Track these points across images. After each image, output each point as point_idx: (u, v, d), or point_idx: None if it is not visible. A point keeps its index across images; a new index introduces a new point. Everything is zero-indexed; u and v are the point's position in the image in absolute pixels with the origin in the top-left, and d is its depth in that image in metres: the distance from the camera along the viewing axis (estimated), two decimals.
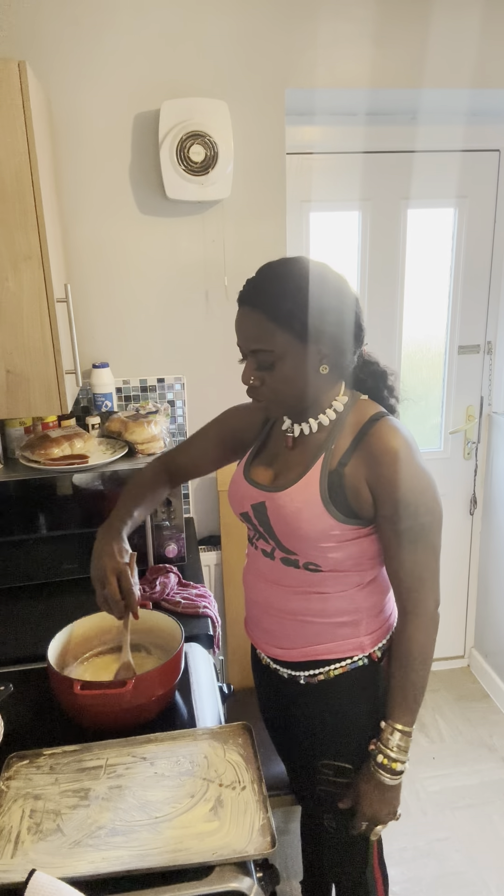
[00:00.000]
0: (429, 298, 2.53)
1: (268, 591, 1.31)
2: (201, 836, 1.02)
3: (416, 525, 1.16)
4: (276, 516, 1.23)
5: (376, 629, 1.30)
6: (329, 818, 1.38)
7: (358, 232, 2.40)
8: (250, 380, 1.19)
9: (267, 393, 1.19)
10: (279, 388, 1.18)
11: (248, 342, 1.17)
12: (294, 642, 1.30)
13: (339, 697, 1.31)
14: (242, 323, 1.17)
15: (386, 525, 1.18)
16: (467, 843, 2.12)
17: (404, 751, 1.23)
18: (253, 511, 1.28)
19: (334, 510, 1.18)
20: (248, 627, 1.42)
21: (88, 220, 2.00)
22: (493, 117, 2.33)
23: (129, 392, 2.17)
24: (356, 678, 1.30)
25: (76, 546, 1.82)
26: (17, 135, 1.46)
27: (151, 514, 1.82)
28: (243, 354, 1.20)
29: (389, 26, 1.98)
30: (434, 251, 2.49)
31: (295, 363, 1.15)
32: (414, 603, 1.21)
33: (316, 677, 1.31)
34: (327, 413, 1.23)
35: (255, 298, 1.15)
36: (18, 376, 1.60)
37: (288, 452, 1.29)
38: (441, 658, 2.95)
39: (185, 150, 1.88)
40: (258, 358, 1.17)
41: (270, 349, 1.14)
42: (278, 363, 1.15)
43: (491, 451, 2.69)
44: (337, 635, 1.28)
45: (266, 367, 1.16)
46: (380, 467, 1.15)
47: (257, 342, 1.15)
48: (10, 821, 1.07)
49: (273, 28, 1.94)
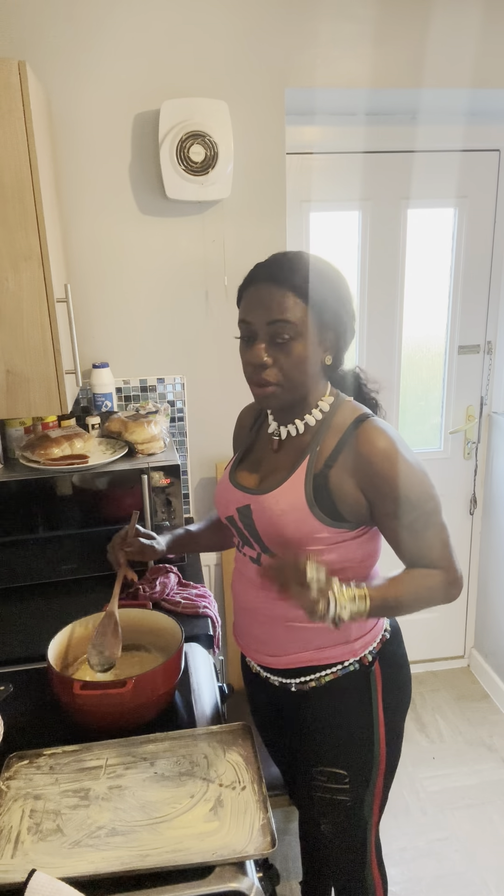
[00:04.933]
0: (429, 298, 2.53)
1: (256, 598, 1.30)
2: (201, 836, 1.02)
3: (422, 515, 1.17)
4: (261, 519, 1.23)
5: (366, 632, 1.29)
6: (326, 823, 1.37)
7: (358, 232, 2.40)
8: (264, 357, 1.16)
9: (276, 374, 1.17)
10: (289, 370, 1.16)
11: (270, 312, 1.14)
12: (285, 649, 1.29)
13: (331, 704, 1.30)
14: (264, 296, 1.15)
15: (390, 522, 1.18)
16: (467, 843, 2.12)
17: (346, 609, 1.08)
18: (238, 515, 1.28)
19: (319, 513, 1.18)
20: (237, 636, 1.41)
21: (88, 220, 2.00)
22: (493, 117, 2.33)
23: (129, 392, 2.17)
24: (347, 684, 1.29)
25: (76, 546, 1.82)
26: (17, 135, 1.46)
27: (151, 513, 1.82)
28: (254, 334, 1.17)
29: (389, 26, 1.98)
30: (434, 251, 2.48)
31: (308, 345, 1.16)
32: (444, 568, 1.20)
33: (307, 684, 1.30)
34: (314, 413, 1.23)
35: (279, 274, 1.14)
36: (18, 376, 1.60)
37: (273, 455, 1.29)
38: (441, 658, 2.95)
39: (185, 150, 1.88)
40: (277, 330, 1.14)
41: (293, 322, 1.13)
42: (295, 340, 1.14)
43: (491, 451, 2.69)
44: (327, 640, 1.27)
45: (281, 343, 1.14)
46: (371, 468, 1.15)
47: (281, 313, 1.13)
48: (10, 821, 1.07)
49: (273, 28, 1.94)
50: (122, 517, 1.80)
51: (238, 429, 1.49)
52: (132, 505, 1.81)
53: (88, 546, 1.82)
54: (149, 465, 1.81)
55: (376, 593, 1.13)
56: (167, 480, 1.81)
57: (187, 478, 2.28)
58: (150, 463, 1.82)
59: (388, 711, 1.32)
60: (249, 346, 1.18)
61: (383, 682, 1.30)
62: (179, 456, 2.15)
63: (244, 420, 1.47)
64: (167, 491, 1.82)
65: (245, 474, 1.32)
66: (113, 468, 1.79)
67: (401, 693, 1.35)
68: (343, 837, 1.38)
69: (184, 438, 2.24)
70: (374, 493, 1.16)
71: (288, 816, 2.11)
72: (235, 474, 1.33)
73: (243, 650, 1.40)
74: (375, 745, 1.31)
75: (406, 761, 1.42)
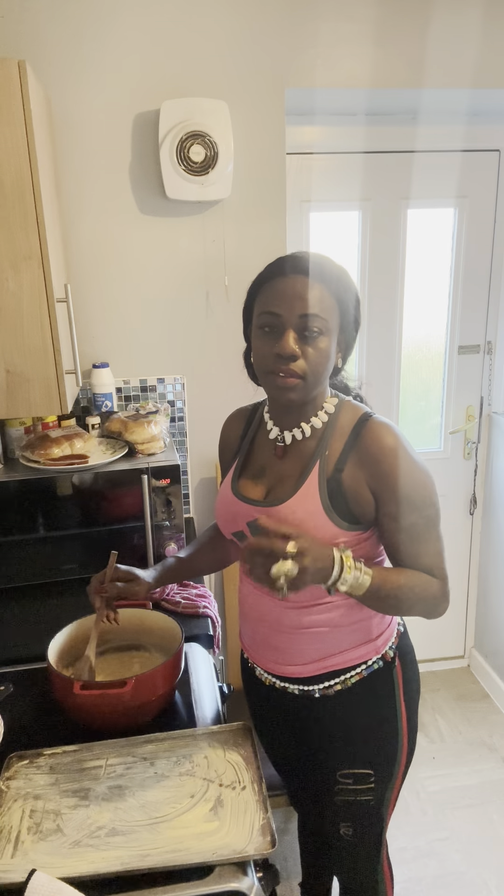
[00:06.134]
0: (429, 298, 2.53)
1: (276, 609, 1.26)
2: (201, 836, 1.02)
3: (422, 519, 1.16)
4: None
5: (385, 627, 1.29)
6: (346, 826, 1.36)
7: (358, 232, 2.40)
8: (295, 348, 1.13)
9: (304, 367, 1.14)
10: (315, 364, 1.14)
11: (304, 305, 1.13)
12: (310, 656, 1.27)
13: (358, 705, 1.28)
14: (298, 288, 1.13)
15: (390, 522, 1.17)
16: (467, 843, 2.12)
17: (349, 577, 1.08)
18: (250, 530, 1.23)
19: (337, 518, 1.16)
20: (250, 649, 1.36)
21: (88, 220, 2.00)
22: (493, 117, 2.33)
23: (129, 392, 2.17)
24: (373, 683, 1.28)
25: (76, 546, 1.82)
26: (17, 135, 1.46)
27: (151, 513, 1.82)
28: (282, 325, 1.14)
29: (389, 26, 1.98)
30: (434, 251, 2.48)
31: (330, 343, 1.16)
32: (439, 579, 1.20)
33: (332, 688, 1.28)
34: (319, 415, 1.22)
35: (310, 269, 1.14)
36: (18, 376, 1.61)
37: (278, 463, 1.25)
38: (441, 658, 2.95)
39: (185, 150, 1.88)
40: (306, 324, 1.13)
41: (324, 317, 1.14)
42: (323, 336, 1.14)
43: (491, 451, 2.69)
44: (351, 641, 1.26)
45: (312, 336, 1.13)
46: (380, 466, 1.14)
47: (314, 307, 1.13)
48: (10, 821, 1.07)
49: (273, 28, 1.94)
50: (122, 517, 1.81)
51: (224, 439, 1.42)
52: (132, 505, 1.80)
53: (88, 546, 1.82)
54: (149, 465, 1.81)
55: (377, 574, 1.11)
56: (167, 480, 1.81)
57: (187, 478, 2.28)
58: (150, 463, 1.81)
59: (408, 704, 1.31)
60: (275, 337, 1.14)
61: (403, 676, 1.30)
62: (179, 456, 2.15)
63: (232, 429, 1.40)
64: (167, 491, 1.82)
65: (249, 485, 1.27)
66: (113, 468, 1.79)
67: (416, 684, 1.35)
68: (362, 838, 1.37)
69: (184, 438, 2.24)
70: (380, 490, 1.16)
71: (288, 816, 2.11)
72: (238, 486, 1.29)
73: (257, 662, 1.35)
74: (399, 740, 1.31)
75: None
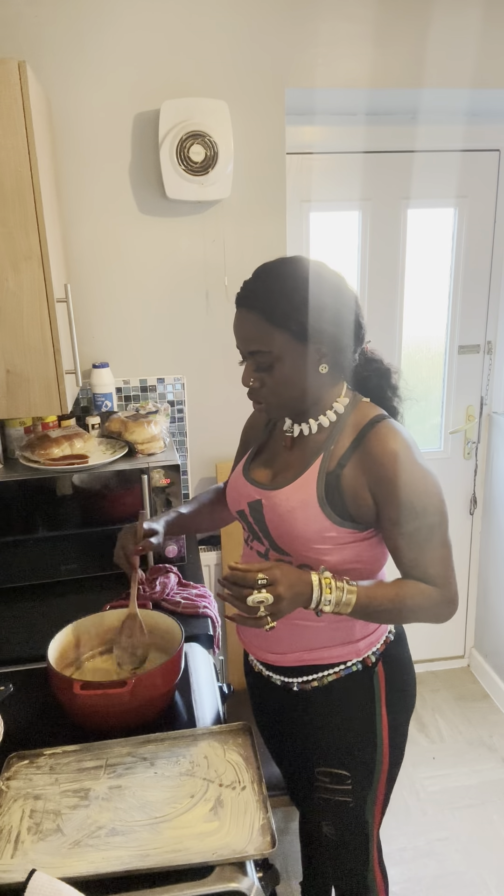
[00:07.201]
0: (429, 298, 2.53)
1: None
2: (201, 836, 1.02)
3: (424, 526, 1.16)
4: (272, 515, 1.23)
5: (371, 632, 1.29)
6: (328, 825, 1.37)
7: (358, 232, 2.40)
8: (250, 382, 1.20)
9: (266, 394, 1.20)
10: (279, 390, 1.18)
11: (247, 344, 1.17)
12: (289, 646, 1.29)
13: (334, 704, 1.30)
14: (240, 325, 1.18)
15: (391, 527, 1.17)
16: (467, 843, 2.12)
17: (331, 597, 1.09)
18: (249, 509, 1.28)
19: (330, 512, 1.17)
20: (240, 632, 1.41)
21: (88, 220, 2.00)
22: (493, 117, 2.33)
23: (129, 392, 2.17)
24: (350, 684, 1.29)
25: (76, 546, 1.82)
26: (17, 135, 1.46)
27: (151, 513, 1.82)
28: (243, 356, 1.21)
29: (389, 26, 1.98)
30: (434, 251, 2.48)
31: (294, 364, 1.16)
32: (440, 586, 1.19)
33: (309, 684, 1.30)
34: (328, 414, 1.23)
35: (251, 300, 1.15)
36: (18, 376, 1.61)
37: (287, 452, 1.29)
38: (441, 658, 2.95)
39: (185, 150, 1.88)
40: (257, 359, 1.17)
41: (268, 350, 1.15)
42: (277, 364, 1.15)
43: (491, 451, 2.69)
44: (332, 639, 1.27)
45: (265, 368, 1.17)
46: (380, 470, 1.14)
47: (255, 343, 1.15)
48: (10, 821, 1.07)
49: (273, 28, 1.94)
50: (122, 517, 1.80)
51: (249, 426, 1.48)
52: (132, 505, 1.81)
53: (88, 546, 1.82)
54: (149, 464, 1.81)
55: (364, 591, 1.12)
56: (167, 480, 1.81)
57: (187, 478, 2.28)
58: (150, 463, 1.82)
59: (392, 713, 1.31)
60: (243, 365, 1.22)
61: (387, 684, 1.30)
62: (179, 456, 2.15)
63: (258, 417, 1.46)
64: (167, 491, 1.82)
65: (259, 470, 1.32)
66: (113, 468, 1.79)
67: (404, 696, 1.35)
68: (345, 838, 1.38)
69: (184, 438, 2.24)
70: (380, 495, 1.16)
71: (288, 816, 2.11)
72: (249, 469, 1.33)
73: (246, 647, 1.40)
74: (378, 746, 1.31)
75: (406, 761, 1.41)
